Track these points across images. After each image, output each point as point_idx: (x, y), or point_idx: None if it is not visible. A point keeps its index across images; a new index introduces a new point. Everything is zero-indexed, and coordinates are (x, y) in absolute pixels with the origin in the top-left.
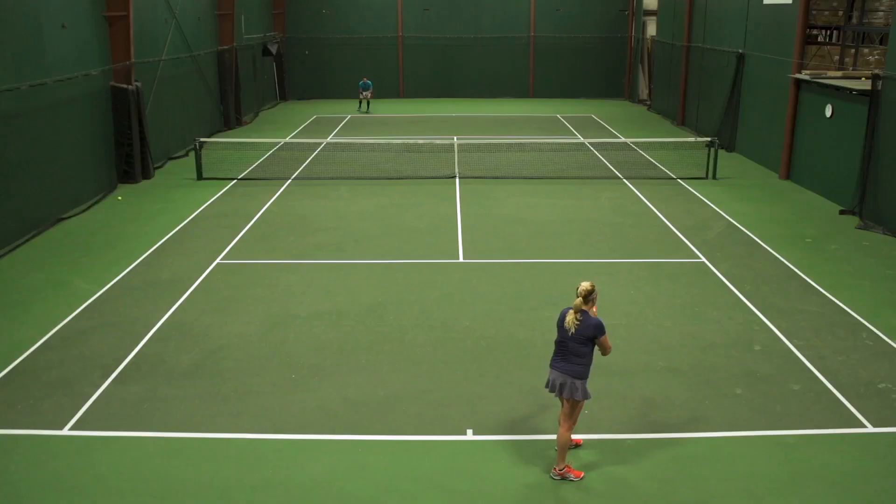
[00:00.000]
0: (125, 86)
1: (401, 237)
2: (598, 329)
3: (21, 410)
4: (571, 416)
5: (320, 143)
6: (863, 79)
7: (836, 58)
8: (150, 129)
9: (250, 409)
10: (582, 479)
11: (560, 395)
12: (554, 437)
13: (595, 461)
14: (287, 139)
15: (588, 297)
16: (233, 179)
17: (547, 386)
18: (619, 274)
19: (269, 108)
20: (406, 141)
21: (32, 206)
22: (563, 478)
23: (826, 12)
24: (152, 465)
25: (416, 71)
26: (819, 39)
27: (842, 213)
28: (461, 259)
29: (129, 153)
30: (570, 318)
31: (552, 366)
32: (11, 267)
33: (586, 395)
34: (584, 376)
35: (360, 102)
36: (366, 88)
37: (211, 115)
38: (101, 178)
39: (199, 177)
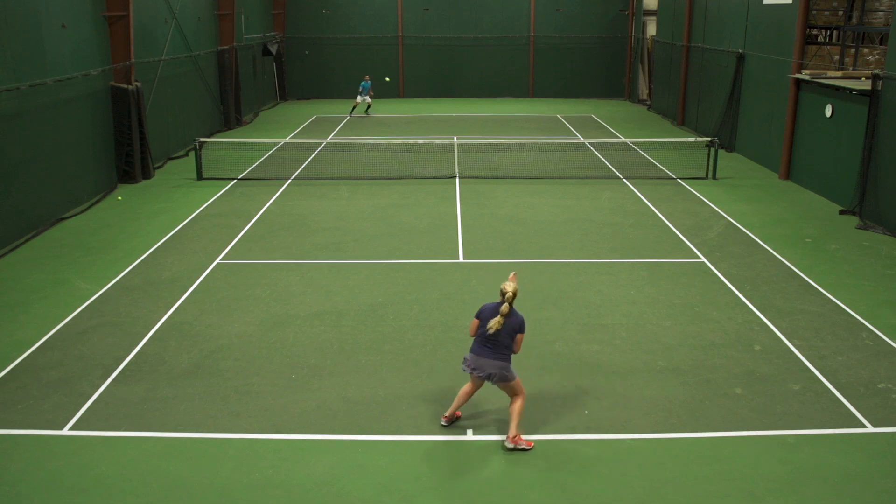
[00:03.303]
0: (125, 86)
1: (401, 237)
2: (522, 326)
3: (21, 410)
4: (518, 391)
5: (320, 143)
6: (863, 79)
7: (836, 58)
8: (150, 129)
9: (250, 409)
10: (532, 448)
11: (492, 381)
12: (555, 436)
13: (595, 461)
14: (287, 139)
15: (513, 300)
16: (233, 179)
17: (472, 369)
18: (619, 274)
19: (269, 108)
20: (406, 141)
21: (32, 206)
22: (517, 446)
23: (826, 12)
24: (152, 465)
25: (416, 71)
26: (819, 39)
27: (842, 213)
28: (461, 259)
29: (129, 153)
30: (496, 322)
31: (481, 354)
32: (11, 267)
33: (514, 374)
34: (509, 362)
35: (356, 105)
36: (364, 91)
37: (211, 115)
38: (101, 178)
39: (199, 177)
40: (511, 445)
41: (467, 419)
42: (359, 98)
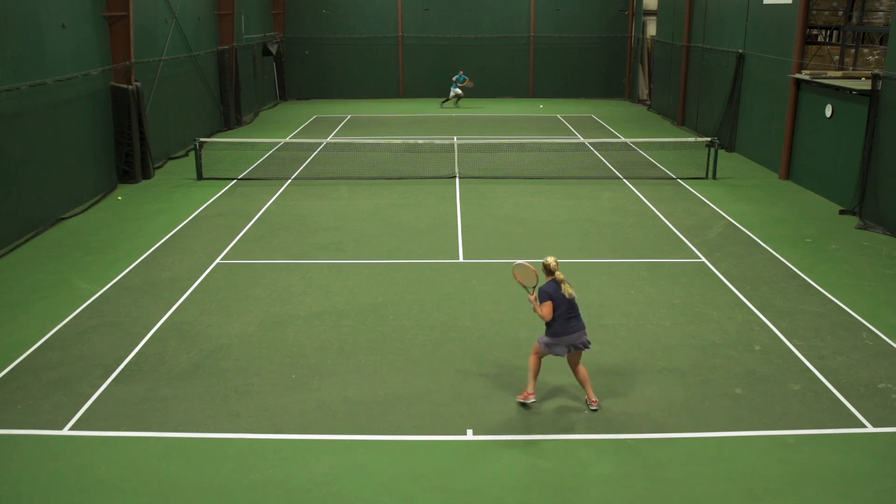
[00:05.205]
0: (125, 86)
1: (401, 237)
2: None
3: (21, 410)
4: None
5: (320, 143)
6: (863, 79)
7: (836, 58)
8: (150, 129)
9: (250, 409)
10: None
11: (585, 347)
12: (555, 436)
13: (595, 461)
14: (287, 139)
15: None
16: (233, 179)
17: (584, 347)
18: (619, 274)
19: (269, 108)
20: (406, 141)
21: (32, 206)
22: (598, 404)
23: (826, 12)
24: (152, 465)
25: (416, 71)
26: (819, 39)
27: (842, 213)
28: (461, 259)
29: (129, 153)
30: (568, 287)
31: (574, 329)
32: (11, 267)
33: None
34: None
35: (448, 99)
36: (462, 82)
37: (211, 115)
38: (101, 178)
39: (199, 177)
40: (596, 407)
41: (467, 419)
42: (456, 91)
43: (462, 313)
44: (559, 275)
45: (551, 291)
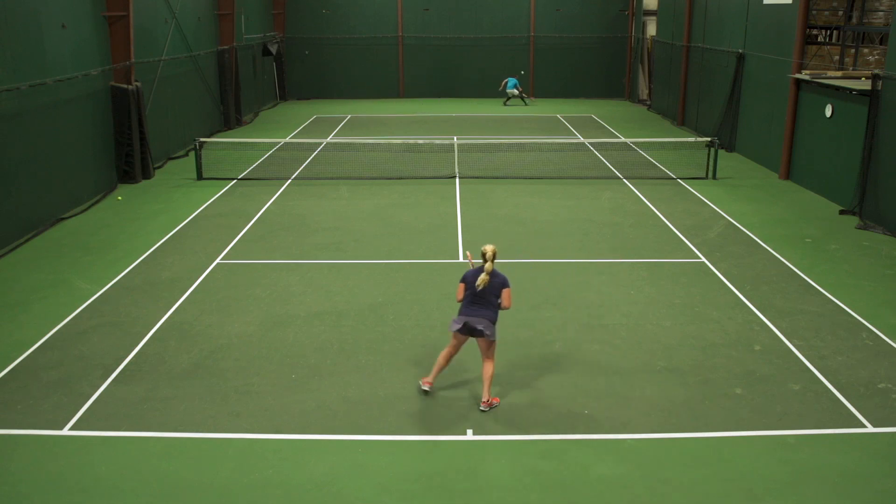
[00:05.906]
0: (125, 86)
1: (401, 237)
2: (507, 282)
3: (21, 410)
4: (492, 353)
5: (320, 143)
6: (863, 79)
7: (836, 58)
8: (150, 129)
9: (250, 409)
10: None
11: (477, 337)
12: (555, 436)
13: (595, 461)
14: (287, 139)
15: (494, 258)
16: (233, 179)
17: (461, 329)
18: (619, 274)
19: (269, 108)
20: (406, 141)
21: (32, 206)
22: (491, 407)
23: (826, 12)
24: (152, 465)
25: (416, 71)
26: (819, 39)
27: (842, 213)
28: (461, 259)
29: (129, 153)
30: (482, 278)
31: (469, 314)
32: (11, 267)
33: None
34: (496, 320)
35: (524, 98)
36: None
37: (211, 115)
38: (101, 178)
39: (199, 177)
40: (486, 409)
41: (467, 419)
42: (515, 91)
43: None
44: (488, 266)
45: (467, 275)
